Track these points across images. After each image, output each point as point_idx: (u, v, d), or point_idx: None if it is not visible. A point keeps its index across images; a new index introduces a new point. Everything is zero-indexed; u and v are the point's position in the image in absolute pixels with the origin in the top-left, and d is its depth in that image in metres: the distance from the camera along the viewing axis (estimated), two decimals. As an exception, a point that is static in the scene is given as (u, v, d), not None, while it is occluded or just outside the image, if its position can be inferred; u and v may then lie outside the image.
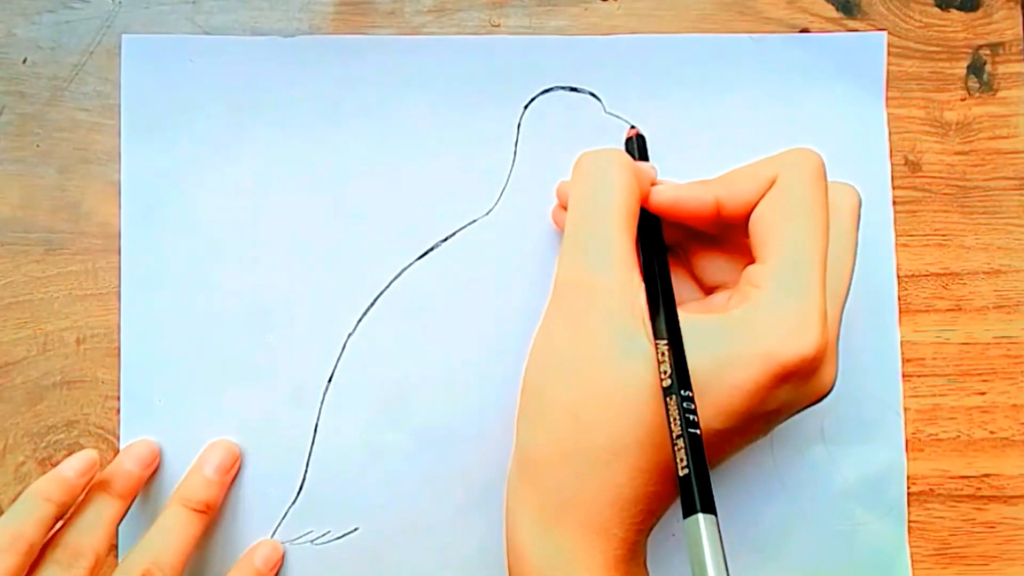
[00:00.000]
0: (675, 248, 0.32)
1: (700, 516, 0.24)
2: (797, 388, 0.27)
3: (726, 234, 0.31)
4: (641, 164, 0.31)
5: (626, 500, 0.27)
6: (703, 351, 0.27)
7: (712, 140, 0.35)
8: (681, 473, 0.25)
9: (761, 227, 0.28)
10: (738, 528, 0.35)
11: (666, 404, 0.26)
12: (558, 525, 0.28)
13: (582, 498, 0.27)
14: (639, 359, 0.27)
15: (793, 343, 0.26)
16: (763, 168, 0.29)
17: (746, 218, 0.29)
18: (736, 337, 0.27)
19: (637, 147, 0.33)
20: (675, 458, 0.25)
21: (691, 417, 0.25)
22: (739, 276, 0.29)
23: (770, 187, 0.28)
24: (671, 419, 0.25)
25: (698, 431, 0.25)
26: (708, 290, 0.32)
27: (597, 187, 0.29)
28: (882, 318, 0.35)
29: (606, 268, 0.28)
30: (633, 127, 0.34)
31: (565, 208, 0.33)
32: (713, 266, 0.31)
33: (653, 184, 0.31)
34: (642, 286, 0.28)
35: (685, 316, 0.28)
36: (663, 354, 0.26)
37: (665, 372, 0.26)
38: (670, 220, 0.31)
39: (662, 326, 0.27)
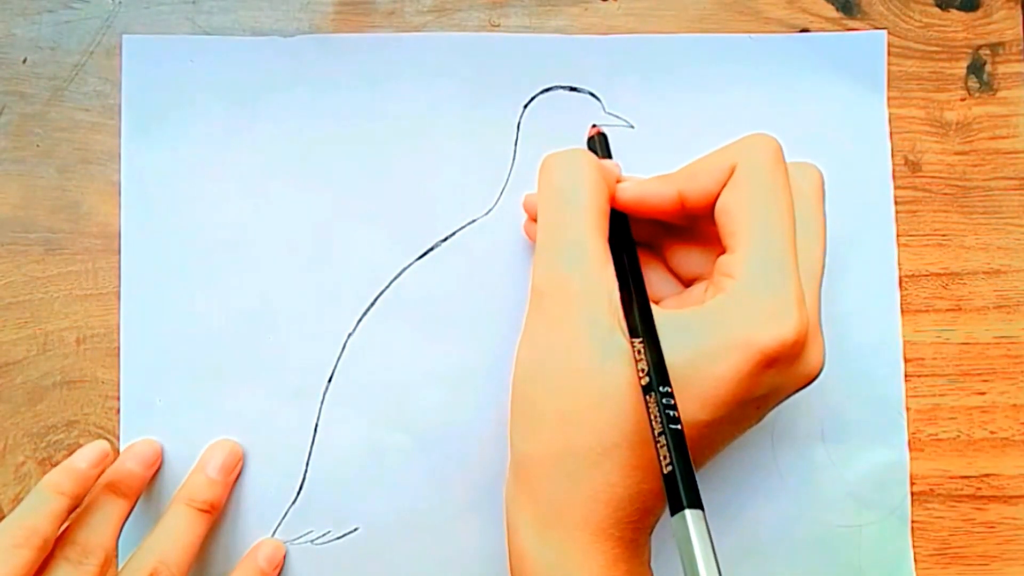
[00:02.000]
0: (650, 243, 0.32)
1: (687, 512, 0.24)
2: (782, 373, 0.27)
3: (696, 225, 0.31)
4: (605, 162, 0.31)
5: (620, 499, 0.27)
6: (682, 344, 0.27)
7: (712, 140, 0.35)
8: (665, 470, 0.25)
9: (726, 217, 0.28)
10: (740, 529, 0.35)
11: (646, 402, 0.26)
12: (555, 528, 0.28)
13: (577, 499, 0.27)
14: (619, 357, 0.27)
15: (772, 329, 0.26)
16: (721, 157, 0.29)
17: (711, 208, 0.29)
18: (714, 328, 0.27)
19: (600, 146, 0.33)
20: (658, 456, 0.25)
21: (671, 413, 0.25)
22: (714, 266, 0.29)
23: (730, 175, 0.28)
24: (652, 417, 0.25)
25: (679, 427, 0.25)
26: (686, 283, 0.32)
27: (566, 188, 0.29)
28: (883, 318, 0.35)
29: (580, 268, 0.28)
30: (595, 125, 0.34)
31: (534, 220, 0.33)
32: (688, 259, 0.31)
33: (618, 181, 0.31)
34: (616, 284, 0.28)
35: (661, 311, 0.28)
36: (639, 352, 0.26)
37: (643, 370, 0.26)
38: (637, 216, 0.31)
39: (637, 323, 0.27)
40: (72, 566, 0.30)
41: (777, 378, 0.27)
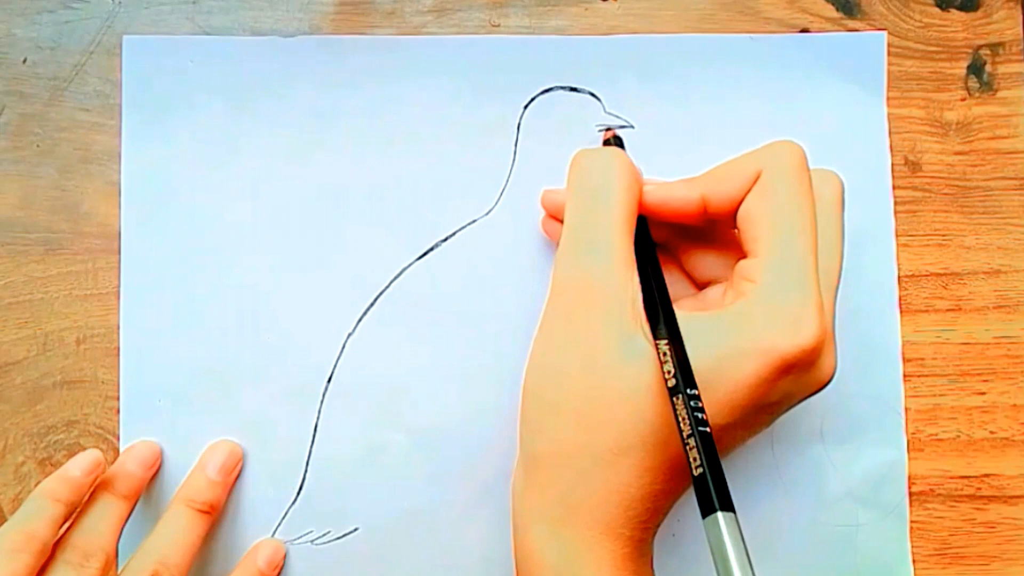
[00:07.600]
0: (665, 245, 0.32)
1: (720, 515, 0.24)
2: (798, 379, 0.27)
3: (714, 229, 0.31)
4: None
5: (633, 499, 0.27)
6: (702, 348, 0.27)
7: (712, 140, 0.35)
8: (696, 473, 0.25)
9: (750, 222, 0.28)
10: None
11: (673, 404, 0.26)
12: (566, 526, 0.28)
13: (589, 499, 0.28)
14: (639, 359, 0.27)
15: (792, 335, 0.26)
16: (746, 163, 0.29)
17: (733, 214, 0.29)
18: (735, 332, 0.27)
19: None
20: (688, 458, 0.25)
21: (700, 415, 0.25)
22: (731, 270, 0.29)
23: (755, 182, 0.28)
24: (680, 419, 0.25)
25: (708, 429, 0.25)
26: (701, 285, 0.32)
27: (599, 187, 0.29)
28: (882, 318, 0.35)
29: (606, 269, 0.28)
30: (609, 128, 0.34)
31: (553, 217, 0.33)
32: (704, 261, 0.32)
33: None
34: (639, 286, 0.28)
35: (682, 314, 0.28)
36: (665, 354, 0.26)
37: (669, 372, 0.26)
38: (657, 219, 0.31)
39: (661, 326, 0.27)
40: (73, 569, 0.30)
41: (793, 384, 0.27)
